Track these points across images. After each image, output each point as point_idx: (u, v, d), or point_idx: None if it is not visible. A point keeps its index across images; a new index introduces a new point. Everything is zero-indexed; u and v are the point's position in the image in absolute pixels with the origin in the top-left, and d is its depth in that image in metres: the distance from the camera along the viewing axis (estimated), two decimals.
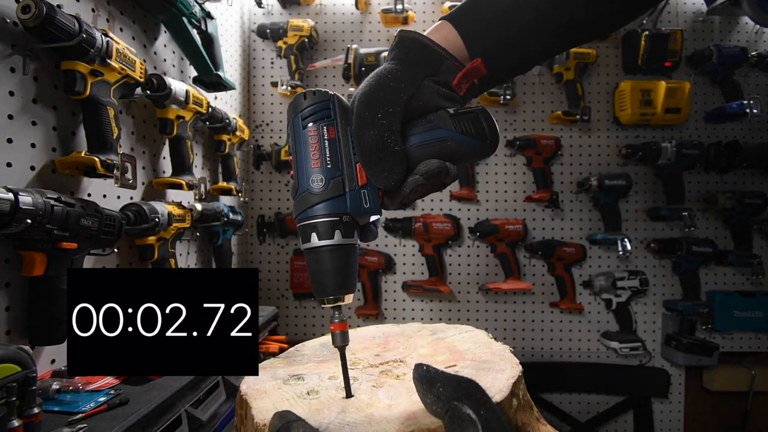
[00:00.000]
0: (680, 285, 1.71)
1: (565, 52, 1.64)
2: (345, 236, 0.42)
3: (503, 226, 1.67)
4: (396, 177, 0.42)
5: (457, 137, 0.43)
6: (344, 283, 0.42)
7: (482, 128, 0.45)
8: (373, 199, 0.43)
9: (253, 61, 1.77)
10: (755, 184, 1.72)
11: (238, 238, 1.67)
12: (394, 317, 1.74)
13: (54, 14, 0.64)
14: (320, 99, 0.43)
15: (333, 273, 0.42)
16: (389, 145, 0.42)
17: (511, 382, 0.39)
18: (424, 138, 0.43)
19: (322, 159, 0.42)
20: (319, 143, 0.42)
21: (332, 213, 0.41)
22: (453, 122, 0.44)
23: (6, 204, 0.55)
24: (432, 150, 0.43)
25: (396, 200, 0.44)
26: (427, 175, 0.42)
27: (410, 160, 0.43)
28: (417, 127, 0.44)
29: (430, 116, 0.44)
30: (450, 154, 0.43)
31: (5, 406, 0.46)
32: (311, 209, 0.41)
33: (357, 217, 0.43)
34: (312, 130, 0.42)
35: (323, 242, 0.41)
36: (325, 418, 0.36)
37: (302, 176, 0.42)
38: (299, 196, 0.42)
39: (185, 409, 0.74)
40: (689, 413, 1.72)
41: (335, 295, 0.42)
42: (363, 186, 0.43)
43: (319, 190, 0.41)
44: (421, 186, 0.43)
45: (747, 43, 1.73)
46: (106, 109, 0.76)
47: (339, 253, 0.42)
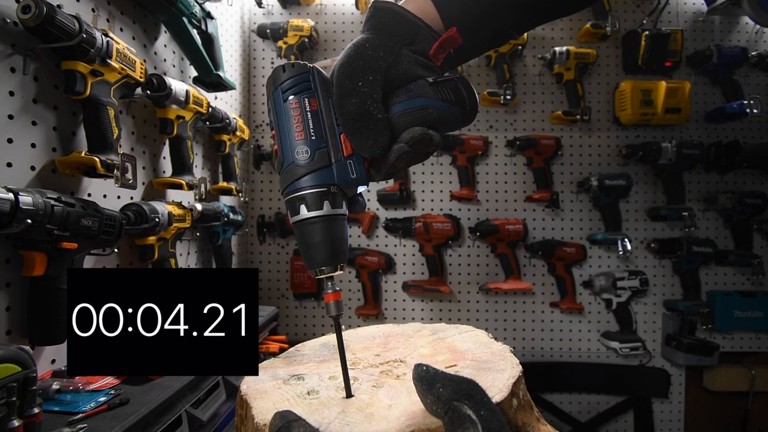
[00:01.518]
0: (680, 285, 1.71)
1: (565, 53, 1.64)
2: (334, 207, 0.42)
3: (503, 226, 1.67)
4: (380, 145, 0.43)
5: (438, 105, 0.44)
6: (336, 253, 0.42)
7: (462, 96, 0.45)
8: (359, 169, 0.43)
9: (254, 61, 1.77)
10: (755, 184, 1.72)
11: (239, 238, 1.67)
12: (395, 317, 1.74)
13: (54, 14, 0.64)
14: (300, 71, 0.43)
15: (324, 244, 0.41)
16: (372, 112, 0.42)
17: (511, 382, 0.39)
18: (405, 106, 0.44)
19: (305, 131, 0.42)
20: (301, 115, 0.42)
21: (320, 184, 0.41)
22: (433, 90, 0.44)
23: (6, 204, 0.55)
24: (414, 118, 0.44)
25: (382, 170, 0.44)
26: (411, 142, 0.43)
27: (393, 129, 0.43)
28: (398, 97, 0.44)
29: (410, 85, 0.44)
30: (432, 121, 0.44)
31: (5, 406, 0.46)
32: (298, 181, 0.42)
33: (344, 188, 0.43)
34: (293, 102, 0.42)
35: (312, 213, 0.41)
36: (326, 418, 0.36)
37: (286, 149, 0.42)
38: (285, 169, 0.42)
39: (185, 409, 0.74)
40: (689, 413, 1.72)
41: (327, 266, 0.42)
42: (348, 157, 0.43)
43: (305, 161, 0.41)
44: (406, 153, 0.43)
45: (747, 43, 1.73)
46: (107, 109, 0.76)
47: (329, 224, 0.42)
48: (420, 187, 1.76)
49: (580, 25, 1.72)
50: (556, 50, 1.66)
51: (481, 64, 1.76)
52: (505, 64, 1.69)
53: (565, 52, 1.65)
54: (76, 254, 0.69)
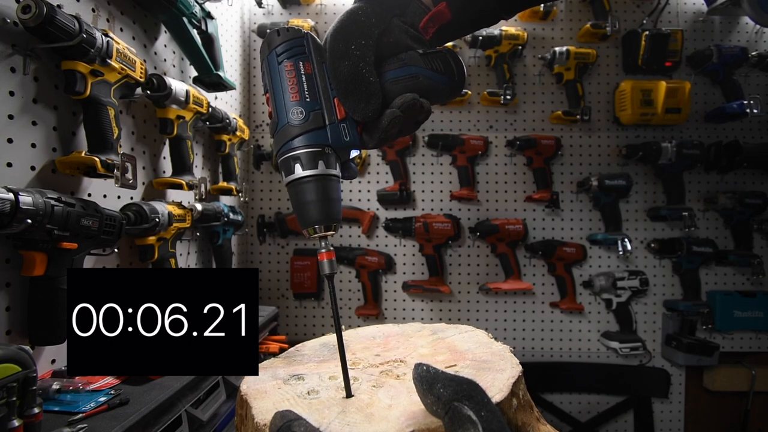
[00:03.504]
0: (680, 285, 1.71)
1: (565, 53, 1.64)
2: (328, 167, 0.42)
3: (503, 226, 1.67)
4: (373, 107, 0.44)
5: (428, 73, 0.45)
6: (329, 212, 0.42)
7: (451, 66, 0.47)
8: (352, 133, 0.44)
9: (254, 61, 1.77)
10: (755, 184, 1.73)
11: (239, 238, 1.67)
12: (395, 317, 1.74)
13: (54, 14, 0.64)
14: (294, 35, 0.44)
15: (318, 202, 0.42)
16: (364, 75, 0.43)
17: (511, 382, 0.39)
18: (397, 74, 0.45)
19: (300, 92, 0.43)
20: (296, 77, 0.43)
21: (314, 144, 0.42)
22: (424, 60, 0.46)
23: (6, 204, 0.55)
24: (406, 85, 0.45)
25: (375, 135, 0.45)
26: (402, 108, 0.44)
27: (385, 95, 0.44)
28: (390, 65, 0.46)
29: (401, 55, 0.46)
30: (423, 89, 0.45)
31: (5, 406, 0.46)
32: (292, 141, 0.42)
33: (338, 151, 0.44)
34: (288, 65, 0.43)
35: (307, 172, 0.42)
36: (326, 418, 0.36)
37: (281, 111, 0.43)
38: (279, 130, 0.43)
39: (185, 409, 0.74)
40: (689, 413, 1.72)
41: (321, 224, 0.42)
42: (342, 120, 0.44)
43: (300, 122, 0.42)
44: (398, 118, 0.44)
45: (747, 43, 1.73)
46: (107, 109, 0.76)
47: (323, 183, 0.42)
48: (420, 187, 1.76)
49: (580, 25, 1.72)
50: (556, 50, 1.66)
51: (481, 64, 1.76)
52: (505, 64, 1.69)
53: (565, 52, 1.65)
54: (76, 254, 0.69)
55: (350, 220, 1.74)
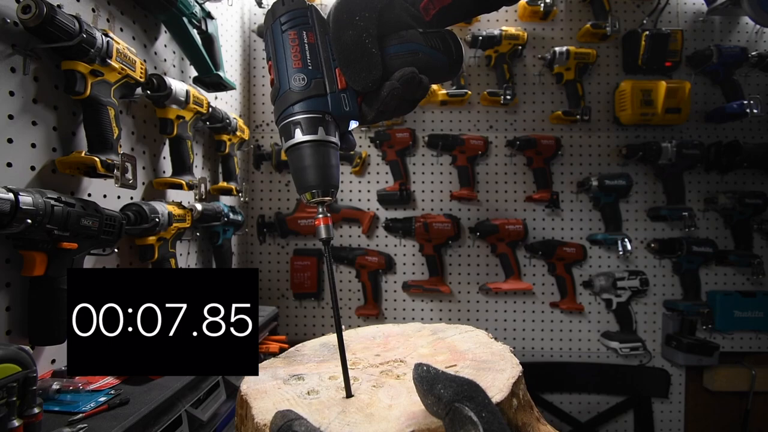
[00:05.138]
0: (680, 285, 1.71)
1: (565, 53, 1.64)
2: (327, 134, 0.43)
3: (503, 226, 1.67)
4: (373, 77, 0.45)
5: (427, 51, 0.47)
6: (328, 177, 0.43)
7: (449, 45, 0.48)
8: (352, 103, 0.45)
9: (254, 61, 1.77)
10: (755, 184, 1.72)
11: (239, 238, 1.67)
12: (395, 317, 1.74)
13: (54, 14, 0.64)
14: (299, 6, 0.45)
15: (316, 167, 0.43)
16: (366, 45, 0.45)
17: (512, 382, 0.39)
18: (397, 50, 0.47)
19: (303, 60, 0.43)
20: (299, 45, 0.44)
21: (314, 110, 0.43)
22: (423, 38, 0.47)
23: (6, 204, 0.55)
24: (406, 60, 0.46)
25: (374, 106, 0.46)
26: (402, 80, 0.45)
27: (385, 69, 0.46)
28: (390, 40, 0.47)
29: (402, 33, 0.47)
30: (421, 65, 0.47)
31: (5, 406, 0.46)
32: (293, 106, 0.43)
33: (338, 119, 0.44)
34: (292, 33, 0.44)
35: (307, 137, 0.42)
36: (326, 418, 0.36)
37: (283, 77, 0.43)
38: (281, 96, 0.44)
39: (185, 409, 0.74)
40: (689, 413, 1.72)
41: (319, 189, 0.43)
42: (343, 90, 0.45)
43: (301, 88, 0.43)
44: (397, 90, 0.45)
45: (747, 43, 1.73)
46: (107, 109, 0.76)
47: (322, 149, 0.43)
48: (420, 187, 1.76)
49: (580, 25, 1.72)
50: (556, 50, 1.66)
51: (481, 64, 1.76)
52: (505, 64, 1.69)
53: (565, 52, 1.65)
54: (76, 254, 0.69)
55: (350, 220, 1.74)
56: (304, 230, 1.71)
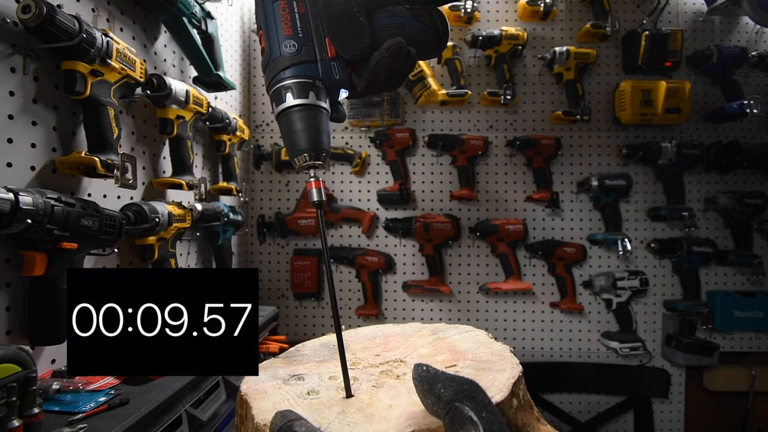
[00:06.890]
0: (680, 285, 1.71)
1: (565, 53, 1.64)
2: (318, 99, 0.44)
3: (503, 226, 1.67)
4: (362, 45, 0.46)
5: (414, 24, 0.49)
6: (318, 141, 0.44)
7: (435, 21, 0.51)
8: (342, 72, 0.47)
9: (254, 61, 1.77)
10: (755, 184, 1.72)
11: (239, 238, 1.67)
12: (395, 317, 1.74)
13: (54, 14, 0.64)
14: None
15: (307, 131, 0.43)
16: (355, 14, 0.46)
17: (512, 382, 0.39)
18: (386, 22, 0.49)
19: (293, 27, 0.45)
20: (290, 14, 0.45)
21: (305, 75, 0.44)
22: (411, 13, 0.50)
23: (6, 204, 0.55)
24: (394, 32, 0.48)
25: (363, 75, 0.47)
26: (390, 50, 0.47)
27: (374, 40, 0.47)
28: (379, 14, 0.49)
29: (390, 7, 0.50)
30: (409, 38, 0.48)
31: (5, 406, 0.46)
32: (284, 71, 0.44)
33: (328, 86, 0.45)
34: (282, 3, 0.45)
35: (298, 101, 0.43)
36: (326, 418, 0.36)
37: (273, 43, 0.44)
38: (272, 62, 0.44)
39: (185, 409, 0.74)
40: (689, 413, 1.72)
41: (310, 152, 0.43)
42: (333, 59, 0.46)
43: (292, 54, 0.44)
44: (385, 59, 0.46)
45: (747, 43, 1.73)
46: (107, 109, 0.76)
47: (313, 113, 0.44)
48: (420, 187, 1.76)
49: (580, 25, 1.72)
50: (556, 50, 1.66)
51: (481, 64, 1.75)
52: (505, 64, 1.69)
53: (565, 52, 1.65)
54: (76, 254, 0.69)
55: (350, 220, 1.74)
56: (304, 230, 1.71)
